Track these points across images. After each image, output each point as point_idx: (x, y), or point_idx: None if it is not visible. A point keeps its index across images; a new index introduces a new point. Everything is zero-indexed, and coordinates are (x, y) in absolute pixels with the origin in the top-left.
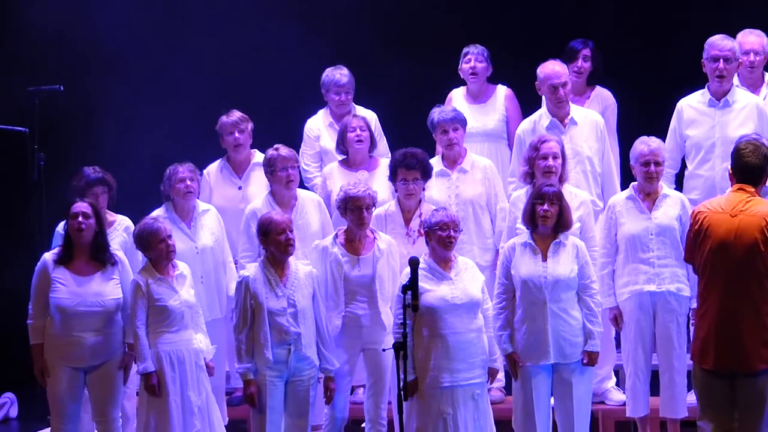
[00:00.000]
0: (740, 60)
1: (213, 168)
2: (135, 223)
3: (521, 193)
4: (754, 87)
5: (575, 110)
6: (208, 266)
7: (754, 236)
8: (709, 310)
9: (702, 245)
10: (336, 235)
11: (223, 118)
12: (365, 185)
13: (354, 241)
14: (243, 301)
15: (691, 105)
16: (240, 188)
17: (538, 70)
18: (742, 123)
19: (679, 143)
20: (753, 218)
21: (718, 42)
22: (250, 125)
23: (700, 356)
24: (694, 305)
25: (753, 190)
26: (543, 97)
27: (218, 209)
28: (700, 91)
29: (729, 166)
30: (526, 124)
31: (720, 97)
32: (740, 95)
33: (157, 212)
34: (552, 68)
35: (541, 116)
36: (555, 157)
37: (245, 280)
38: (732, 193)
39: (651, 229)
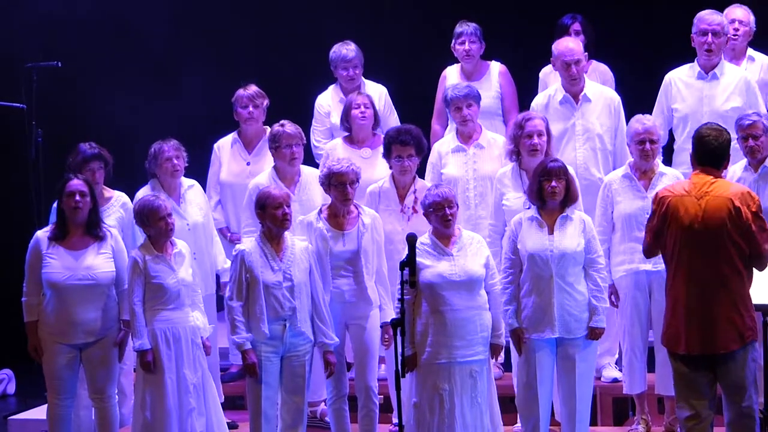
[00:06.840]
0: (728, 35)
1: (225, 142)
2: (132, 199)
3: (507, 170)
4: (736, 59)
5: (590, 86)
6: (200, 242)
7: (721, 217)
8: (680, 295)
9: (668, 230)
10: (320, 211)
11: (240, 91)
12: (348, 161)
13: (338, 216)
14: (239, 275)
15: (680, 78)
16: (248, 164)
17: (553, 47)
18: (729, 97)
19: (666, 116)
20: (719, 199)
21: (707, 16)
22: (265, 101)
23: (673, 343)
24: None
25: (716, 172)
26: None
27: (226, 184)
28: (689, 65)
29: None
30: (541, 98)
31: (708, 70)
32: (729, 69)
33: (144, 191)
34: (566, 45)
35: (556, 91)
36: (540, 135)
37: (241, 254)
38: (695, 176)
39: (647, 208)
